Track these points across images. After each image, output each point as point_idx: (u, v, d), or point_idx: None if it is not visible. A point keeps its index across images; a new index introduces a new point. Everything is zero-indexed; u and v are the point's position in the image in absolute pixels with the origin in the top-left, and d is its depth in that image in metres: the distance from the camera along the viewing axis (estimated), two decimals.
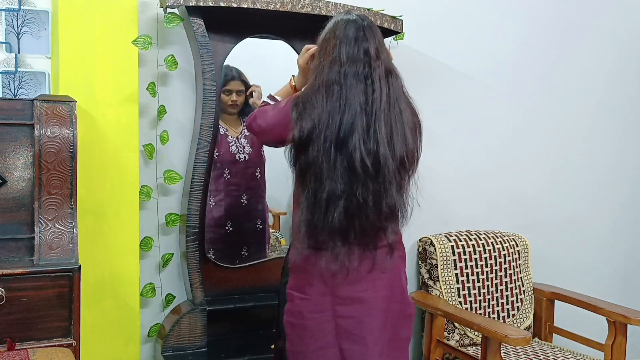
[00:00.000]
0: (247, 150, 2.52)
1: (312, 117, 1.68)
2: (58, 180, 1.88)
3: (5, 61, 2.19)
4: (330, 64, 1.71)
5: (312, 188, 1.69)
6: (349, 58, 1.71)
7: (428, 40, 2.83)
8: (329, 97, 1.68)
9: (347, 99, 1.67)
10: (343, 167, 1.66)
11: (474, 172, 2.99)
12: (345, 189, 1.66)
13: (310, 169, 1.69)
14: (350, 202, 1.67)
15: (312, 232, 1.70)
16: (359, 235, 1.70)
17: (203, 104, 2.27)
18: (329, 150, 1.66)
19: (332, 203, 1.66)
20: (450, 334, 2.64)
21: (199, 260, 2.30)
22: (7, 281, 1.71)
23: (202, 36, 2.23)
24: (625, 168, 3.36)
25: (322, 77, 1.71)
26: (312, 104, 1.69)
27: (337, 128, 1.66)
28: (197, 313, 2.31)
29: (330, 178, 1.66)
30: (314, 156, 1.67)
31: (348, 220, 1.67)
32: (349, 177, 1.66)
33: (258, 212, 2.59)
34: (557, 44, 3.13)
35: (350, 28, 1.74)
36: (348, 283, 1.75)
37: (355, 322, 1.77)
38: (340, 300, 1.77)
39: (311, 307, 1.78)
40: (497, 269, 2.77)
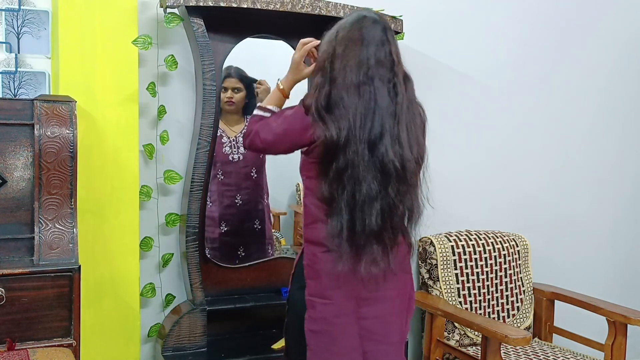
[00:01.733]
0: (241, 151, 2.51)
1: (347, 117, 1.67)
2: (58, 180, 1.88)
3: (5, 61, 2.20)
4: (358, 64, 1.69)
5: (350, 190, 1.67)
6: (377, 61, 1.70)
7: (428, 40, 2.83)
8: (361, 98, 1.68)
9: (377, 102, 1.68)
10: (376, 169, 1.67)
11: (474, 172, 2.99)
12: (379, 190, 1.67)
13: (348, 171, 1.67)
14: (385, 204, 1.68)
15: (352, 237, 1.68)
16: (391, 236, 1.71)
17: (203, 104, 2.26)
18: (364, 152, 1.66)
19: (369, 205, 1.67)
20: (450, 334, 2.64)
21: (199, 260, 2.30)
22: (7, 281, 1.71)
23: (202, 36, 2.23)
24: (625, 168, 3.37)
25: (351, 77, 1.68)
26: (345, 104, 1.67)
27: (369, 130, 1.67)
28: (197, 313, 2.31)
29: (365, 180, 1.66)
30: (352, 157, 1.66)
31: (383, 222, 1.68)
32: (382, 178, 1.67)
33: (256, 212, 2.59)
34: (557, 44, 3.13)
35: (377, 30, 1.73)
36: (373, 283, 1.74)
37: (379, 321, 1.78)
38: (365, 301, 1.76)
39: (336, 312, 1.75)
40: (497, 269, 2.77)
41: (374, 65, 1.69)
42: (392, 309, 1.80)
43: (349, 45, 1.71)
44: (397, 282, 1.80)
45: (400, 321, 1.83)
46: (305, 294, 1.79)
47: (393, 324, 1.81)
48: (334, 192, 1.69)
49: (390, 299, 1.79)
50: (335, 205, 1.69)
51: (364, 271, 1.69)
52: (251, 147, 1.85)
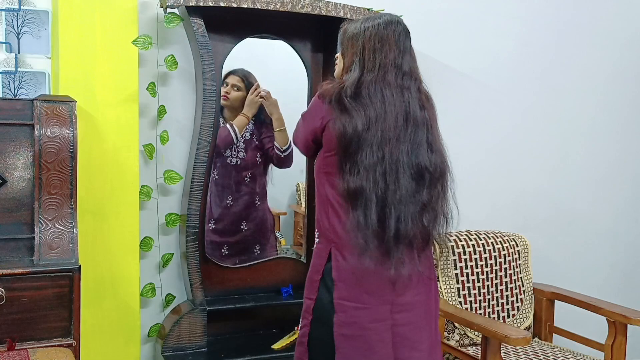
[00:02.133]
0: (240, 155, 2.51)
1: (382, 111, 1.65)
2: (58, 180, 1.88)
3: (5, 61, 2.19)
4: (394, 66, 1.70)
5: (382, 187, 1.63)
6: (409, 70, 1.72)
7: (428, 40, 2.83)
8: (402, 100, 1.68)
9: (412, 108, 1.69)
10: (413, 171, 1.66)
11: (474, 171, 2.99)
12: (414, 192, 1.67)
13: (382, 166, 1.63)
14: (419, 207, 1.67)
15: (381, 235, 1.64)
16: (420, 240, 1.70)
17: (203, 104, 2.26)
18: (403, 152, 1.66)
19: (405, 206, 1.65)
20: (450, 334, 2.64)
21: (199, 260, 2.30)
22: (7, 281, 1.71)
23: (202, 36, 2.23)
24: (625, 167, 3.36)
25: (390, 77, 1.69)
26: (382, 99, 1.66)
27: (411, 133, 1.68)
28: (197, 313, 2.31)
29: (403, 179, 1.64)
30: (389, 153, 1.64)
31: (414, 226, 1.67)
32: (417, 184, 1.67)
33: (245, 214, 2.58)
34: (557, 44, 3.13)
35: (408, 41, 1.76)
36: (404, 288, 1.72)
37: (414, 327, 1.75)
38: (399, 307, 1.73)
39: (371, 317, 1.71)
40: (497, 269, 2.77)
41: (407, 73, 1.71)
42: (423, 314, 1.78)
43: (385, 44, 1.71)
44: (425, 288, 1.78)
45: (430, 327, 1.80)
46: (334, 297, 1.72)
47: (424, 330, 1.78)
48: (363, 184, 1.63)
49: (420, 304, 1.77)
50: (364, 198, 1.63)
51: (393, 273, 1.66)
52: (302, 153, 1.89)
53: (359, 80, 1.68)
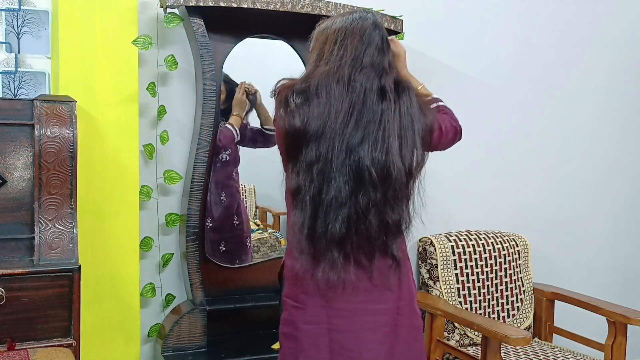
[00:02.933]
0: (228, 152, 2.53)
1: (327, 107, 1.57)
2: (58, 180, 1.88)
3: (5, 61, 2.20)
4: (352, 60, 1.61)
5: (317, 186, 1.56)
6: (371, 64, 1.62)
7: (428, 40, 2.83)
8: (349, 95, 1.58)
9: (364, 102, 1.58)
10: (351, 172, 1.56)
11: (474, 172, 2.99)
12: (349, 196, 1.56)
13: (319, 164, 1.56)
14: (353, 211, 1.57)
15: (312, 236, 1.58)
16: (355, 246, 1.59)
17: (203, 104, 2.27)
18: (340, 150, 1.55)
19: (335, 208, 1.56)
20: (450, 334, 2.64)
21: (199, 260, 2.30)
22: (7, 281, 1.71)
23: (202, 36, 2.23)
24: (625, 168, 3.36)
25: (344, 70, 1.59)
26: (330, 94, 1.57)
27: (351, 130, 1.57)
28: (197, 313, 2.31)
29: (336, 179, 1.55)
30: (325, 151, 1.56)
31: (347, 230, 1.57)
32: (355, 184, 1.56)
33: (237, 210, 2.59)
34: (557, 44, 3.13)
35: (377, 34, 1.66)
36: (346, 295, 1.63)
37: (352, 336, 1.66)
38: (337, 312, 1.65)
39: (306, 318, 1.66)
40: (497, 269, 2.77)
41: (367, 67, 1.61)
42: (366, 323, 1.66)
43: (349, 37, 1.64)
44: (377, 297, 1.66)
45: (379, 338, 1.67)
46: (282, 294, 1.72)
47: (368, 342, 1.65)
48: (300, 183, 1.58)
49: (365, 313, 1.65)
50: (301, 198, 1.58)
51: (320, 276, 1.58)
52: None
53: (310, 75, 1.62)
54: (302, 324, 1.66)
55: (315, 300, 1.65)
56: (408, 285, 1.73)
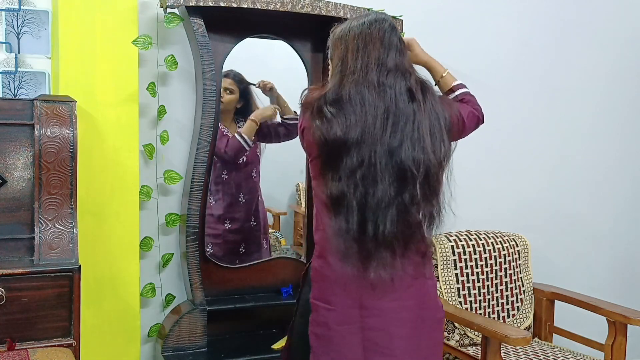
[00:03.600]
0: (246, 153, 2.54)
1: (363, 114, 1.62)
2: (58, 180, 1.88)
3: (5, 61, 2.19)
4: (377, 65, 1.66)
5: (361, 191, 1.61)
6: (395, 66, 1.68)
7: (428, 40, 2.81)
8: (382, 99, 1.63)
9: (397, 105, 1.64)
10: (394, 173, 1.62)
11: (474, 172, 2.99)
12: (395, 196, 1.62)
13: (361, 170, 1.61)
14: (400, 211, 1.63)
15: (361, 239, 1.63)
16: (401, 243, 1.66)
17: (203, 104, 2.27)
18: (382, 154, 1.61)
19: (383, 209, 1.62)
20: (450, 334, 2.64)
21: (199, 260, 2.30)
22: (7, 281, 1.71)
23: (202, 36, 2.23)
24: (625, 168, 3.36)
25: (372, 76, 1.65)
26: (364, 101, 1.63)
27: (390, 132, 1.62)
28: (197, 313, 2.31)
29: (381, 182, 1.61)
30: (368, 157, 1.61)
31: (395, 229, 1.63)
32: (399, 184, 1.62)
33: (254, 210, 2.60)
34: (557, 44, 3.13)
35: (395, 36, 1.71)
36: (377, 293, 1.69)
37: (384, 334, 1.71)
38: (369, 311, 1.71)
39: (338, 319, 1.71)
40: (497, 269, 2.77)
41: (393, 70, 1.67)
42: (396, 320, 1.72)
43: (370, 43, 1.68)
44: (407, 292, 1.73)
45: (408, 333, 1.73)
46: (310, 296, 1.76)
47: (401, 338, 1.72)
48: (344, 190, 1.62)
49: (393, 311, 1.72)
50: (345, 204, 1.63)
51: (373, 276, 1.64)
52: None
53: (340, 84, 1.67)
54: (335, 324, 1.72)
55: (346, 301, 1.71)
56: (432, 279, 1.80)
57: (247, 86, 2.54)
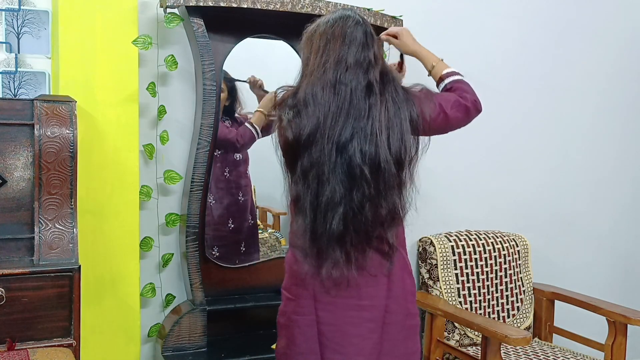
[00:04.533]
0: None
1: (317, 114, 1.62)
2: (58, 180, 1.88)
3: (5, 61, 2.19)
4: (336, 63, 1.65)
5: (313, 191, 1.63)
6: (355, 62, 1.66)
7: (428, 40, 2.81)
8: (336, 97, 1.63)
9: (352, 102, 1.63)
10: (343, 171, 1.61)
11: (474, 172, 2.99)
12: (344, 193, 1.61)
13: (313, 170, 1.62)
14: (349, 208, 1.62)
15: (314, 238, 1.64)
16: (355, 241, 1.64)
17: (203, 104, 2.27)
18: (331, 152, 1.61)
19: (332, 208, 1.61)
20: (450, 334, 2.64)
21: (199, 260, 2.30)
22: (7, 281, 1.71)
23: (202, 36, 2.23)
24: (625, 168, 3.37)
25: (328, 75, 1.64)
26: (319, 101, 1.63)
27: (340, 130, 1.61)
28: (197, 313, 2.31)
29: (329, 182, 1.61)
30: (317, 156, 1.61)
31: (345, 227, 1.62)
32: (348, 182, 1.61)
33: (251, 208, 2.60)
34: (556, 44, 3.13)
35: (359, 31, 1.69)
36: (330, 289, 1.68)
37: (336, 329, 1.70)
38: (323, 305, 1.70)
39: (297, 309, 1.74)
40: (497, 269, 2.77)
41: (352, 66, 1.65)
42: (351, 318, 1.70)
43: (330, 41, 1.68)
44: (366, 291, 1.70)
45: (371, 336, 1.70)
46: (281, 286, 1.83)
47: (352, 337, 1.69)
48: (299, 192, 1.65)
49: (353, 307, 1.70)
50: (301, 205, 1.65)
51: (325, 274, 1.64)
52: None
53: (299, 87, 1.68)
54: (294, 314, 1.75)
55: (305, 292, 1.73)
56: (401, 284, 1.74)
57: (234, 84, 2.53)
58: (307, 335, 1.73)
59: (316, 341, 1.72)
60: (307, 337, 1.73)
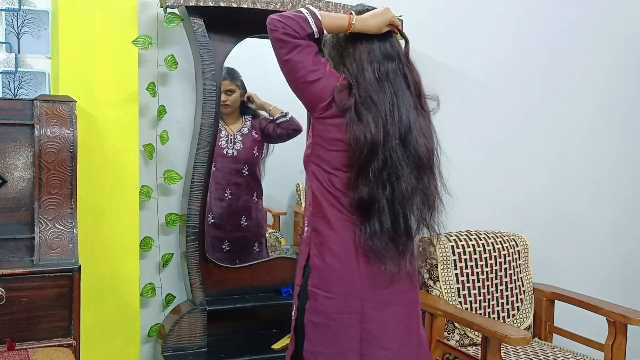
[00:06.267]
0: (237, 147, 2.53)
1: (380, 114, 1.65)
2: (58, 180, 1.88)
3: (5, 61, 2.19)
4: (368, 61, 1.69)
5: (389, 189, 1.65)
6: (384, 54, 1.71)
7: (428, 40, 2.83)
8: (384, 94, 1.66)
9: (397, 95, 1.67)
10: (412, 162, 1.66)
11: (474, 172, 2.99)
12: (417, 183, 1.67)
13: (387, 169, 1.64)
14: (423, 196, 1.68)
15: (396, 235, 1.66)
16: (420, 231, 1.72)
17: (203, 104, 2.27)
18: (398, 147, 1.65)
19: (409, 200, 1.66)
20: (450, 334, 2.64)
21: (199, 260, 2.30)
22: (7, 281, 1.71)
23: (202, 36, 2.23)
24: (625, 168, 3.36)
25: (369, 74, 1.67)
26: (375, 102, 1.65)
27: (398, 124, 1.66)
28: (197, 313, 2.31)
29: (403, 175, 1.65)
30: (388, 155, 1.64)
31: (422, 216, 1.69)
32: (417, 171, 1.67)
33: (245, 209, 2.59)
34: (557, 44, 3.13)
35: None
36: (386, 286, 1.70)
37: (383, 326, 1.72)
38: (371, 303, 1.71)
39: (338, 308, 1.70)
40: (497, 269, 2.77)
41: (382, 59, 1.70)
42: (396, 314, 1.74)
43: (354, 42, 1.71)
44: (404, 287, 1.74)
45: (405, 327, 1.76)
46: (309, 284, 1.74)
47: (398, 332, 1.74)
48: (374, 193, 1.65)
49: (393, 303, 1.74)
50: (377, 206, 1.65)
51: (409, 267, 1.69)
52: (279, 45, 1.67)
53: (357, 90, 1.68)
54: (337, 314, 1.70)
55: (353, 291, 1.70)
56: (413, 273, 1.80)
57: (241, 79, 2.54)
58: (350, 334, 1.71)
59: (359, 339, 1.71)
60: (350, 335, 1.71)
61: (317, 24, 1.66)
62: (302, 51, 1.65)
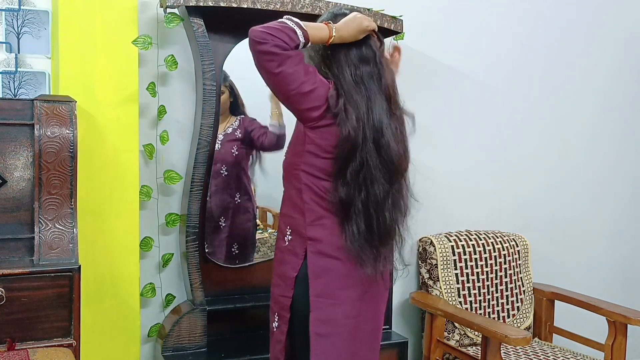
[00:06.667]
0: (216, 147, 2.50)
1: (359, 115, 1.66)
2: (58, 180, 1.88)
3: (5, 61, 2.19)
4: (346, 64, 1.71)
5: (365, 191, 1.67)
6: (360, 58, 1.72)
7: (428, 40, 2.83)
8: (361, 96, 1.68)
9: (371, 98, 1.69)
10: (384, 166, 1.68)
11: (474, 172, 2.99)
12: (389, 187, 1.69)
13: (363, 171, 1.66)
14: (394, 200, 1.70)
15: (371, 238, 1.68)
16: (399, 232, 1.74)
17: (203, 104, 2.27)
18: (372, 150, 1.67)
19: (382, 204, 1.68)
20: (450, 334, 2.64)
21: (199, 260, 2.30)
22: (7, 281, 1.71)
23: (202, 36, 2.23)
24: (625, 168, 3.37)
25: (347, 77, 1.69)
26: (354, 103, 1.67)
27: (372, 127, 1.67)
28: (197, 313, 2.31)
29: (377, 178, 1.67)
30: (364, 156, 1.66)
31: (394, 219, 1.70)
32: (389, 175, 1.69)
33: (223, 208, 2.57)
34: (557, 44, 3.13)
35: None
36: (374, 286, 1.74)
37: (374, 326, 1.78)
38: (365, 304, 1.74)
39: (345, 313, 1.71)
40: (497, 269, 2.77)
41: (358, 63, 1.71)
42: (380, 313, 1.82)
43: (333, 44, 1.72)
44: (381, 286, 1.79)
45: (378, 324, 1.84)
46: (310, 294, 1.71)
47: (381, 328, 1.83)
48: (351, 195, 1.66)
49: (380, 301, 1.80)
50: (354, 208, 1.67)
51: (382, 269, 1.71)
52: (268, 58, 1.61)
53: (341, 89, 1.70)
54: (345, 319, 1.71)
55: (354, 294, 1.72)
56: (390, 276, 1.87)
57: (230, 80, 2.53)
58: (355, 338, 1.73)
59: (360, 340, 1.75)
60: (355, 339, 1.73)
61: (304, 35, 1.65)
62: (292, 62, 1.62)
